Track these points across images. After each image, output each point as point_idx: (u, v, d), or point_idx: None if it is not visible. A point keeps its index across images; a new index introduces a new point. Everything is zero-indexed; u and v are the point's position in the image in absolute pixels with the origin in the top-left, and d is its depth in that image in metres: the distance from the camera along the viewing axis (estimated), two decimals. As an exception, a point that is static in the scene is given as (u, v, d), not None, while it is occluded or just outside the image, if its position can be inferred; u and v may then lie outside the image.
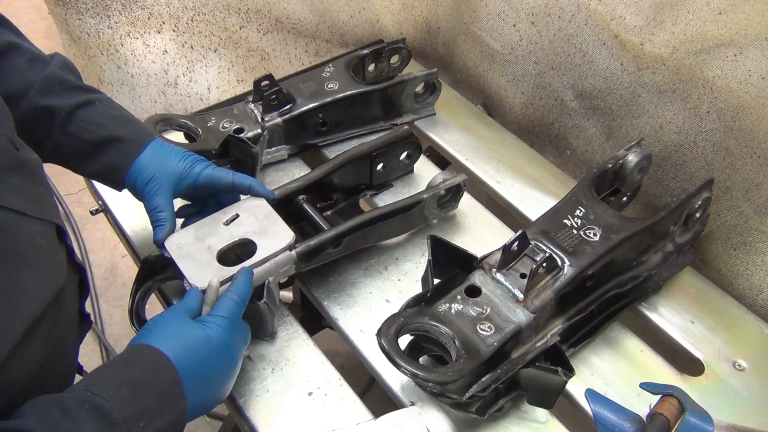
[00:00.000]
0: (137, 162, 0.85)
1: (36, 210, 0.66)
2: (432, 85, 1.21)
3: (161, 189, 0.85)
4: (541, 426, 0.80)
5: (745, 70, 0.88)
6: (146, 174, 0.85)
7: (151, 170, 0.85)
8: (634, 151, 0.97)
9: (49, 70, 0.83)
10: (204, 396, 0.72)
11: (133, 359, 0.68)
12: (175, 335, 0.71)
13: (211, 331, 0.73)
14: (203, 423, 1.79)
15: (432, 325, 0.77)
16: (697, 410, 0.73)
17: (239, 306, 0.77)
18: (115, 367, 0.67)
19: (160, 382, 0.66)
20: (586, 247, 0.85)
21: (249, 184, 0.91)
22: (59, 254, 0.71)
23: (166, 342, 0.70)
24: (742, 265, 0.97)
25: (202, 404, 0.71)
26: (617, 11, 1.01)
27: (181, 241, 0.85)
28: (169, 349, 0.69)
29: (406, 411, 0.81)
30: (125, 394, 0.62)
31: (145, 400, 0.63)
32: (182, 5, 1.25)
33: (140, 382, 0.65)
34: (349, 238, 0.91)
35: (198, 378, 0.70)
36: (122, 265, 2.13)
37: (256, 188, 0.91)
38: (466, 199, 1.05)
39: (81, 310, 0.79)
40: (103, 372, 0.67)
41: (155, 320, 0.74)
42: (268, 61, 1.38)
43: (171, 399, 0.67)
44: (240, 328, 0.78)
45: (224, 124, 1.07)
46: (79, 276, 0.78)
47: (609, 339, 0.90)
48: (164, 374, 0.67)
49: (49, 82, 0.82)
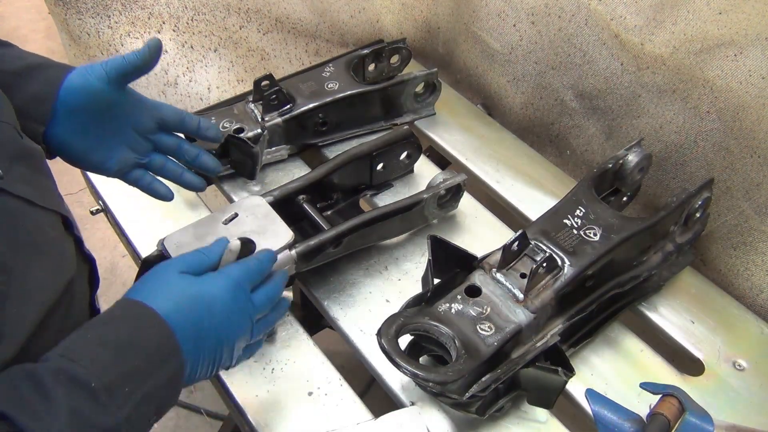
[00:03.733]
0: (65, 87, 0.76)
1: (43, 200, 0.65)
2: (432, 85, 1.21)
3: None
4: (541, 426, 0.80)
5: (746, 70, 0.88)
6: None
7: None
8: (635, 151, 0.97)
9: None
10: (201, 356, 0.65)
11: (116, 317, 0.62)
12: (165, 288, 0.65)
13: (207, 287, 0.67)
14: (203, 423, 1.79)
15: (432, 325, 0.77)
16: (697, 410, 0.73)
17: (247, 272, 0.71)
18: (96, 327, 0.61)
19: (148, 340, 0.60)
20: (586, 247, 0.85)
21: None
22: (68, 245, 0.69)
23: (155, 296, 0.64)
24: (742, 265, 0.97)
25: (201, 364, 0.65)
26: (617, 11, 1.01)
27: (180, 240, 0.85)
28: (157, 304, 0.62)
29: (406, 411, 0.81)
30: (106, 358, 0.57)
31: (130, 362, 0.58)
32: (182, 5, 1.25)
33: (124, 342, 0.59)
34: (349, 238, 0.91)
35: (192, 336, 0.64)
36: (122, 265, 2.13)
37: None
38: (466, 199, 1.05)
39: (92, 303, 0.77)
40: (82, 334, 0.60)
41: (145, 276, 0.68)
42: (268, 61, 1.38)
43: (164, 355, 0.61)
44: (244, 294, 0.70)
45: (224, 124, 1.07)
46: (89, 268, 0.76)
47: (609, 339, 0.90)
48: (153, 330, 0.61)
49: None
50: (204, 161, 0.92)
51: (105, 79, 0.79)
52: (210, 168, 0.93)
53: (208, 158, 0.93)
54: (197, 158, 0.92)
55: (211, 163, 0.93)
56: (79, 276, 0.71)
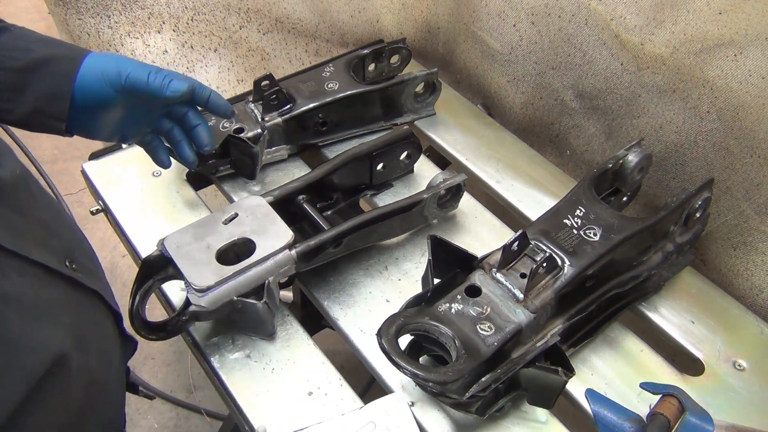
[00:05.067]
0: (79, 82, 0.75)
1: (12, 243, 0.59)
2: (432, 85, 1.21)
3: None
4: (541, 426, 0.80)
5: (746, 70, 0.88)
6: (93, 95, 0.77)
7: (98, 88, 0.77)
8: (634, 151, 0.97)
9: None
10: None
11: None
12: None
13: None
14: (203, 423, 1.79)
15: (432, 325, 0.77)
16: (697, 410, 0.73)
17: None
18: None
19: None
20: (586, 247, 0.85)
21: (191, 88, 0.83)
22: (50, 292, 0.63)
23: None
24: (742, 265, 0.97)
25: None
26: (617, 11, 1.01)
27: (180, 240, 0.85)
28: None
29: (391, 397, 0.81)
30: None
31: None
32: (182, 5, 1.26)
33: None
34: (349, 238, 0.91)
35: None
36: (122, 265, 2.13)
37: (202, 95, 0.86)
38: (466, 199, 1.05)
39: (122, 331, 0.76)
40: None
41: None
42: (268, 61, 1.38)
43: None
44: None
45: (224, 124, 1.07)
46: (101, 301, 0.72)
47: (609, 339, 0.90)
48: None
49: None
50: (198, 132, 0.90)
51: (120, 89, 0.78)
52: (201, 141, 0.91)
53: (203, 132, 0.90)
54: (194, 129, 0.90)
55: (205, 137, 0.91)
56: (89, 315, 0.67)
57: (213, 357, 0.86)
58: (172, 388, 1.84)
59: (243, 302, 0.83)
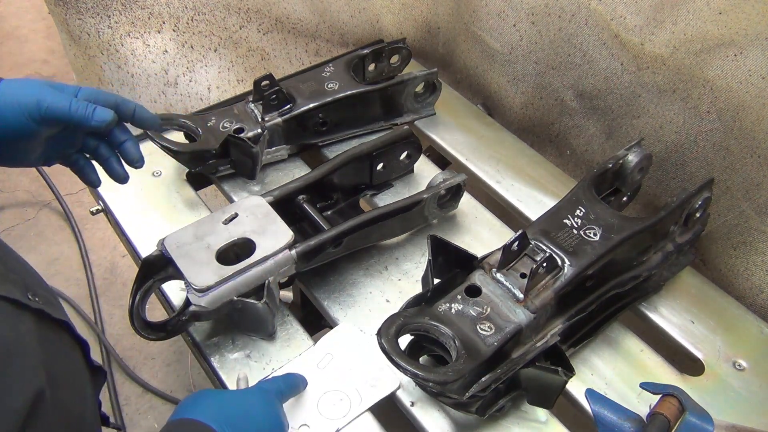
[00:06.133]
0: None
1: None
2: (432, 85, 1.21)
3: None
4: (541, 426, 0.80)
5: (746, 70, 0.88)
6: None
7: None
8: (635, 151, 0.97)
9: None
10: None
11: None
12: (214, 404, 0.68)
13: (248, 395, 0.71)
14: (203, 423, 1.79)
15: (432, 325, 0.77)
16: (697, 410, 0.73)
17: (278, 387, 0.76)
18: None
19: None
20: (587, 247, 0.85)
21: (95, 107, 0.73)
22: None
23: (205, 412, 0.65)
24: (742, 265, 0.97)
25: None
26: (617, 11, 1.01)
27: (180, 240, 0.85)
28: (210, 419, 0.64)
29: (339, 327, 0.86)
30: None
31: None
32: (182, 5, 1.26)
33: None
34: (350, 237, 0.91)
35: None
36: (122, 265, 2.13)
37: (131, 111, 0.77)
38: (466, 199, 1.05)
39: (89, 362, 0.73)
40: None
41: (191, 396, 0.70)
42: (268, 61, 1.38)
43: None
44: (275, 401, 0.74)
45: (224, 124, 1.07)
46: (68, 334, 0.70)
47: (609, 339, 0.90)
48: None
49: None
50: (126, 148, 0.80)
51: (39, 120, 0.71)
52: (129, 157, 0.81)
53: (131, 147, 0.81)
54: (121, 145, 0.80)
55: (133, 152, 0.81)
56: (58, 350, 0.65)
57: (213, 357, 0.86)
58: (172, 388, 1.84)
59: (243, 302, 0.83)
